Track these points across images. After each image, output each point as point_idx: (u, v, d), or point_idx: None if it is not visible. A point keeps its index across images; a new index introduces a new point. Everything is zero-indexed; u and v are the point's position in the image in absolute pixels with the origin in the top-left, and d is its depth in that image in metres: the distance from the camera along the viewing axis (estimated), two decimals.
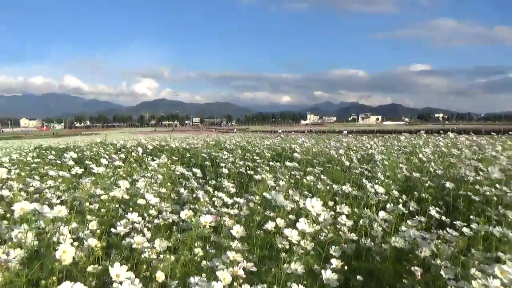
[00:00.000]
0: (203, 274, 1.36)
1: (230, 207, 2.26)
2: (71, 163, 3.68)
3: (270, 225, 1.79)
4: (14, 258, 1.25)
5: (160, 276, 1.28)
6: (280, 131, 28.21)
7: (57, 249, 1.52)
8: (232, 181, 3.12)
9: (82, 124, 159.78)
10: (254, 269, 1.43)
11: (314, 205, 1.72)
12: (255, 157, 4.88)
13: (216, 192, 2.54)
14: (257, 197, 2.33)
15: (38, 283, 1.44)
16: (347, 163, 4.12)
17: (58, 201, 2.09)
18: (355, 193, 2.68)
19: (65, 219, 1.72)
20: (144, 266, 1.51)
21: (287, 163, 3.52)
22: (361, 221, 2.15)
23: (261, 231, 2.00)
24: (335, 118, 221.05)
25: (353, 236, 1.94)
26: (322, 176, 3.12)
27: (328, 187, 2.82)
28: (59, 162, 4.34)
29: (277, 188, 2.56)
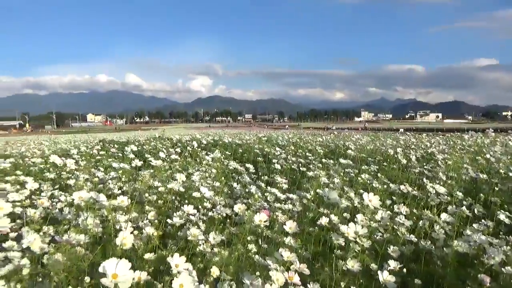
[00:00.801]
0: (257, 272, 1.35)
1: (283, 202, 2.25)
2: (132, 156, 3.88)
3: (324, 220, 1.75)
4: (77, 241, 1.32)
5: (215, 271, 1.29)
6: (333, 127, 27.69)
7: (117, 236, 1.61)
8: (285, 177, 3.10)
9: (142, 120, 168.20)
10: (307, 271, 1.40)
11: (371, 199, 1.66)
12: (307, 153, 4.83)
13: (268, 188, 2.54)
14: (310, 194, 2.30)
15: (99, 267, 1.52)
16: (405, 162, 3.93)
17: (120, 191, 2.20)
18: (414, 193, 2.54)
19: (126, 208, 1.81)
20: (199, 258, 1.54)
21: (341, 160, 3.44)
22: (420, 223, 2.03)
23: (315, 228, 1.96)
24: (390, 116, 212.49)
25: (412, 237, 1.84)
26: (378, 175, 3.00)
27: (385, 186, 2.71)
28: (121, 155, 4.59)
29: (330, 185, 2.50)
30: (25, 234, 1.54)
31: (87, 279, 1.22)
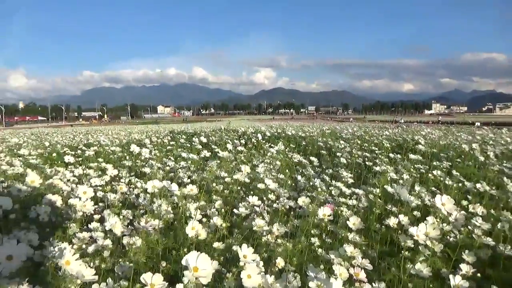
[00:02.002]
0: (321, 266, 1.35)
1: (348, 197, 2.21)
2: (199, 146, 4.04)
3: (392, 221, 1.69)
4: (151, 226, 1.42)
5: (280, 262, 1.31)
6: (402, 120, 26.32)
7: (188, 223, 1.70)
8: (350, 171, 3.03)
9: (207, 111, 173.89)
10: (370, 267, 1.37)
11: (444, 202, 1.56)
12: (373, 147, 4.66)
13: (333, 181, 2.51)
14: (377, 190, 2.22)
15: (171, 252, 1.63)
16: (482, 159, 3.62)
17: (189, 180, 2.32)
18: (492, 193, 2.35)
19: (195, 197, 1.90)
20: (264, 249, 1.57)
21: (411, 156, 3.27)
22: (498, 225, 1.87)
23: (381, 226, 1.90)
24: (465, 108, 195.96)
25: (489, 240, 1.70)
26: (452, 172, 2.81)
27: (459, 184, 2.53)
28: (189, 145, 4.81)
29: (399, 181, 2.39)
30: (107, 216, 1.69)
31: (163, 263, 1.31)
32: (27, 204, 1.81)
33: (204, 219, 1.76)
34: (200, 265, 0.92)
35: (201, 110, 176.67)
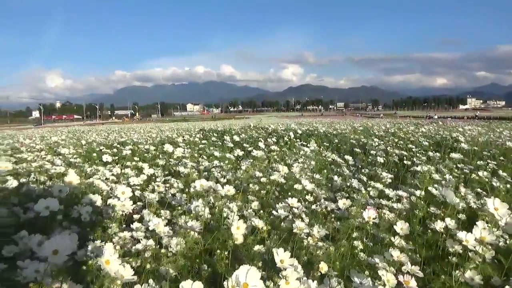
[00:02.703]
0: (365, 272, 1.29)
1: (389, 199, 2.12)
2: (231, 145, 4.04)
3: (439, 225, 1.60)
4: (196, 227, 1.41)
5: (323, 267, 1.27)
6: (436, 116, 25.44)
7: (226, 224, 1.68)
8: (386, 171, 2.93)
9: (235, 109, 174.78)
10: (420, 274, 1.30)
11: (497, 207, 1.46)
12: (409, 145, 4.50)
13: (371, 182, 2.42)
14: (419, 191, 2.12)
15: (211, 253, 1.61)
16: None
17: (224, 180, 2.30)
18: None
19: (231, 197, 1.88)
20: (303, 251, 1.53)
21: (452, 155, 3.12)
22: None
23: (426, 229, 1.81)
24: (503, 103, 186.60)
25: None
26: (500, 172, 2.65)
27: (507, 186, 2.39)
28: (220, 143, 4.82)
29: (442, 182, 2.28)
30: (147, 216, 1.70)
31: (204, 267, 1.29)
32: (68, 203, 1.85)
33: (241, 220, 1.73)
34: (250, 281, 0.89)
35: (229, 108, 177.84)
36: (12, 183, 2.23)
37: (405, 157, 3.46)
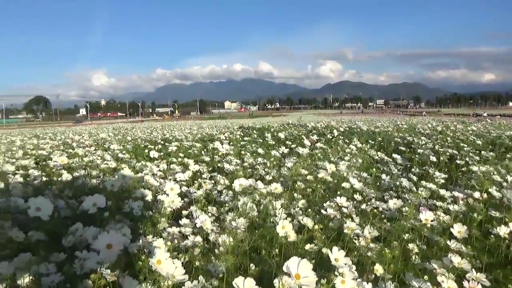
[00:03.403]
0: (424, 276, 1.22)
1: (443, 200, 2.01)
2: (272, 142, 4.01)
3: (503, 230, 1.49)
4: (242, 225, 1.40)
5: (378, 269, 1.22)
6: (485, 114, 24.12)
7: (272, 222, 1.66)
8: (438, 170, 2.79)
9: (273, 106, 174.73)
10: (487, 282, 1.21)
11: None
12: (461, 144, 4.27)
13: (422, 182, 2.31)
14: (477, 193, 1.99)
15: (258, 251, 1.60)
16: None
17: (270, 177, 2.28)
18: None
19: (276, 195, 1.86)
20: (354, 252, 1.48)
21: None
22: None
23: (485, 233, 1.70)
24: None
25: None
26: None
27: None
28: (261, 140, 4.81)
29: (504, 184, 2.13)
30: (195, 213, 1.71)
31: (252, 266, 1.28)
32: (119, 198, 1.91)
33: (288, 219, 1.70)
34: (302, 272, 0.87)
35: (267, 105, 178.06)
36: (67, 176, 2.34)
37: (457, 157, 3.28)
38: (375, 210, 1.76)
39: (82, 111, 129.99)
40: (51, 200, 1.38)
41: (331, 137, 4.76)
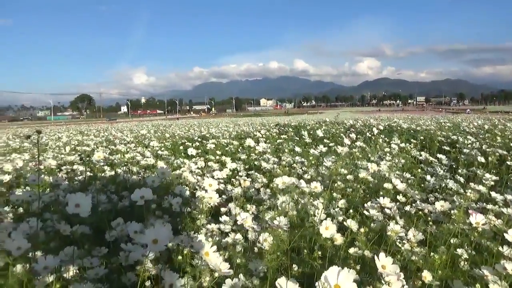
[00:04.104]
0: (477, 285, 1.15)
1: (494, 203, 1.89)
2: (308, 140, 3.95)
3: None
4: (285, 225, 1.37)
5: (426, 276, 1.15)
6: None
7: (312, 222, 1.62)
8: (487, 172, 2.63)
9: (308, 104, 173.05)
10: None
11: None
12: (510, 144, 4.01)
13: (470, 183, 2.18)
14: None
15: (298, 251, 1.57)
16: None
17: (308, 176, 2.24)
18: None
19: (313, 194, 1.82)
20: (398, 256, 1.42)
21: None
22: None
23: None
24: None
25: None
26: None
27: None
28: (298, 138, 4.76)
29: None
30: (233, 210, 1.71)
31: (295, 267, 1.26)
32: (159, 194, 1.94)
33: (328, 219, 1.66)
34: (342, 283, 0.83)
35: (302, 103, 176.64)
36: (109, 172, 2.42)
37: (508, 158, 3.08)
38: (421, 212, 1.68)
39: (123, 109, 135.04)
40: (91, 196, 1.43)
41: (370, 135, 4.61)
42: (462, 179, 2.40)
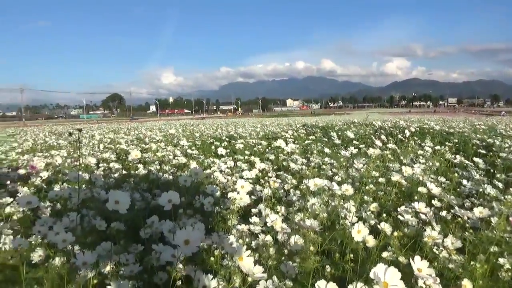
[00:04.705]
0: None
1: None
2: (337, 141, 3.90)
3: None
4: (316, 227, 1.36)
5: (467, 285, 1.11)
6: None
7: (343, 225, 1.60)
8: None
9: (335, 104, 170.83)
10: None
11: None
12: None
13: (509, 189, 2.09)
14: None
15: (329, 253, 1.55)
16: None
17: (338, 178, 2.21)
18: None
19: (344, 196, 1.78)
20: (435, 263, 1.37)
21: None
22: None
23: None
24: None
25: None
26: None
27: None
28: (326, 140, 4.70)
29: None
30: (263, 211, 1.70)
31: (328, 268, 1.24)
32: (191, 193, 1.96)
33: (359, 222, 1.63)
34: (390, 281, 0.81)
35: (329, 103, 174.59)
36: (143, 170, 2.47)
37: None
38: (459, 219, 1.62)
39: (152, 108, 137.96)
40: (129, 194, 1.46)
41: (402, 137, 4.50)
42: (500, 185, 2.30)
